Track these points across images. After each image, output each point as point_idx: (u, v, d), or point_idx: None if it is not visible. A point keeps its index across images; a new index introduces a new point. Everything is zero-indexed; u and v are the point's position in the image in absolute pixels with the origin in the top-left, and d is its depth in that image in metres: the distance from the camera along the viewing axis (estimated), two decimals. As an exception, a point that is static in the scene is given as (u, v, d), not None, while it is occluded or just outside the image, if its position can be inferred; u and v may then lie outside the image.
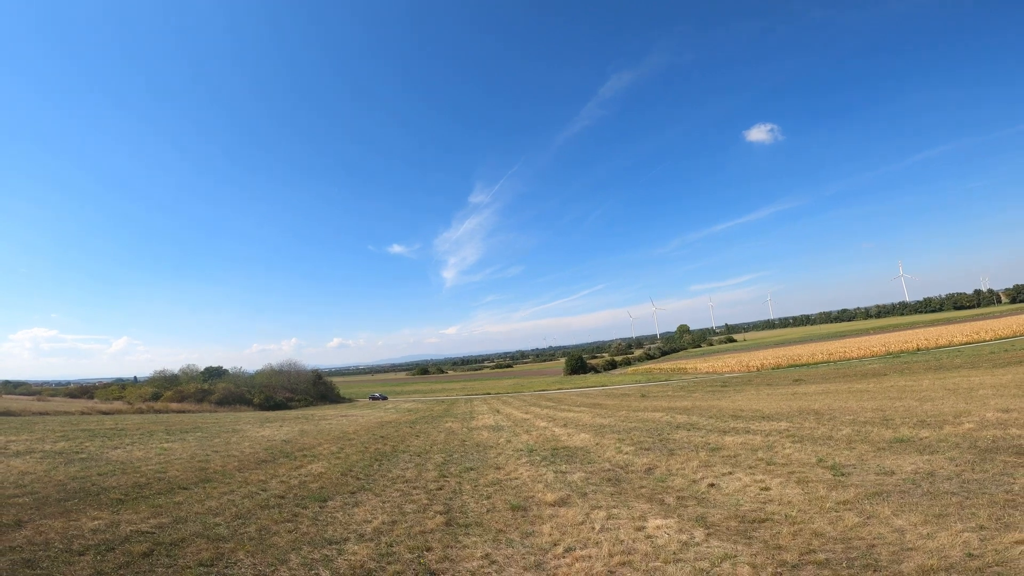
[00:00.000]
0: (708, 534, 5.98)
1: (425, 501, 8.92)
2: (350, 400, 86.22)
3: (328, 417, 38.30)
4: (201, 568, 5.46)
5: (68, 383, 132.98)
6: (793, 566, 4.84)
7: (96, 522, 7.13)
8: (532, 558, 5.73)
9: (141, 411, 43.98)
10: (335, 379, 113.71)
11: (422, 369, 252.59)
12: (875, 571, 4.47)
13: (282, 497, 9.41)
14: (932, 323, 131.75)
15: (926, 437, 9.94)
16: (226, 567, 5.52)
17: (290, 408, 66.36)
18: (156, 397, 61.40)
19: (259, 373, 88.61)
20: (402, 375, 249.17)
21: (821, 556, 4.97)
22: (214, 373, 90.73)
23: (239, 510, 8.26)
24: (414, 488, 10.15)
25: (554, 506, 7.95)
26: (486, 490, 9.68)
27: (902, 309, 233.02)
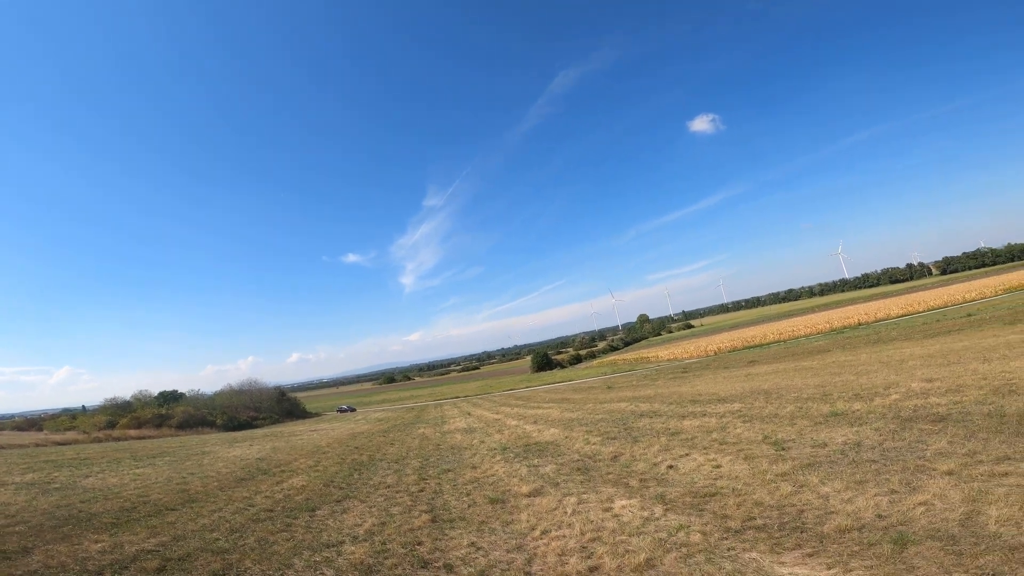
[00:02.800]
0: (666, 509, 6.82)
1: (409, 503, 9.50)
2: (317, 415, 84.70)
3: (298, 433, 37.88)
4: None
5: (12, 416, 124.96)
6: (736, 531, 5.69)
7: (99, 544, 7.44)
8: (513, 541, 6.48)
9: (99, 440, 42.33)
10: (298, 395, 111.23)
11: (388, 378, 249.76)
12: (802, 532, 5.35)
13: (271, 511, 9.79)
14: (870, 298, 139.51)
15: (858, 410, 11.05)
16: (238, 575, 5.99)
17: (256, 427, 64.83)
18: (112, 425, 58.88)
19: (219, 394, 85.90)
20: (368, 385, 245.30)
21: (760, 522, 5.84)
22: (170, 397, 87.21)
23: (233, 525, 8.64)
24: (397, 492, 10.70)
25: (529, 496, 8.69)
26: (465, 488, 10.33)
27: (842, 286, 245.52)
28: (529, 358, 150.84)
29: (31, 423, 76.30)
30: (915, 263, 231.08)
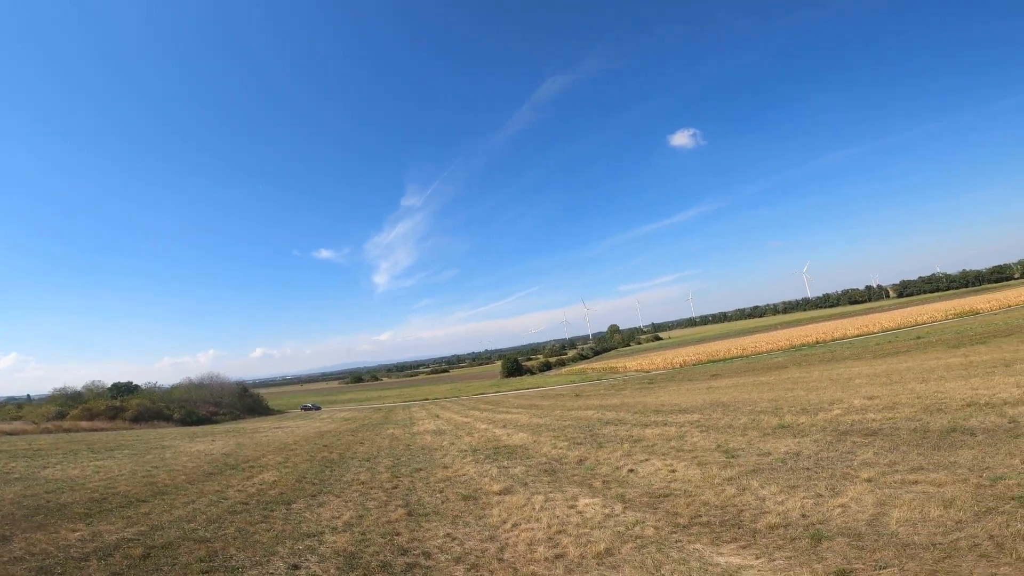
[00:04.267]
0: (625, 507, 7.52)
1: (384, 498, 9.96)
2: (281, 412, 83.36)
3: (262, 430, 37.45)
4: (201, 564, 6.28)
5: None
6: (684, 527, 6.42)
7: (77, 533, 7.65)
8: (486, 533, 7.07)
9: (49, 431, 41.07)
10: (261, 391, 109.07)
11: (356, 377, 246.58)
12: (739, 528, 6.10)
13: (245, 504, 10.10)
14: (830, 317, 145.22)
15: (803, 423, 12.01)
16: (224, 561, 6.38)
17: (216, 423, 63.50)
18: (62, 416, 56.90)
19: (176, 387, 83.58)
20: (335, 384, 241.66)
21: (705, 519, 6.58)
22: (124, 389, 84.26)
23: (210, 516, 8.94)
24: (371, 488, 11.12)
25: (500, 494, 9.28)
26: (438, 486, 10.84)
27: (804, 305, 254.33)
28: (500, 363, 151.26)
29: (-26, 411, 72.73)
30: (874, 285, 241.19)
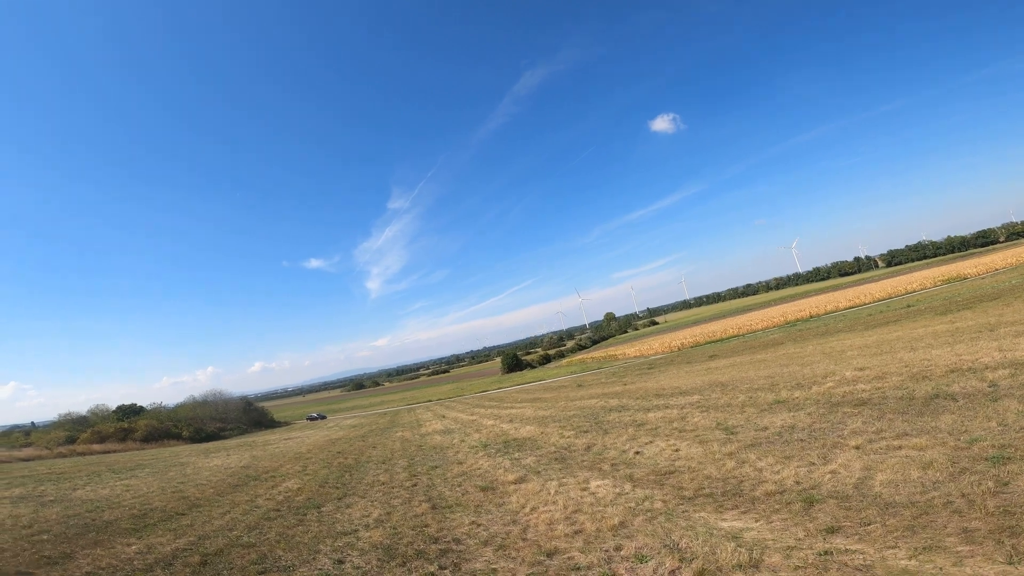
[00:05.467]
0: (634, 486, 8.14)
1: (407, 496, 10.55)
2: (287, 423, 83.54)
3: (272, 442, 37.86)
4: (255, 566, 6.89)
5: None
6: (689, 499, 7.06)
7: (133, 547, 8.22)
8: (508, 517, 7.71)
9: (63, 455, 41.35)
10: (264, 404, 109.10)
11: (357, 384, 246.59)
12: (739, 496, 6.73)
13: (277, 510, 10.67)
14: (821, 291, 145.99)
15: (797, 397, 12.61)
16: (275, 561, 6.99)
17: (224, 438, 63.75)
18: (72, 440, 57.07)
19: (182, 406, 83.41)
20: (336, 392, 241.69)
21: (708, 491, 7.22)
22: (130, 411, 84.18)
23: (248, 523, 9.54)
24: (392, 488, 11.71)
25: (515, 483, 9.89)
26: (455, 480, 11.44)
27: (796, 280, 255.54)
28: (499, 359, 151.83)
29: (-18, 441, 72.79)
30: (863, 256, 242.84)
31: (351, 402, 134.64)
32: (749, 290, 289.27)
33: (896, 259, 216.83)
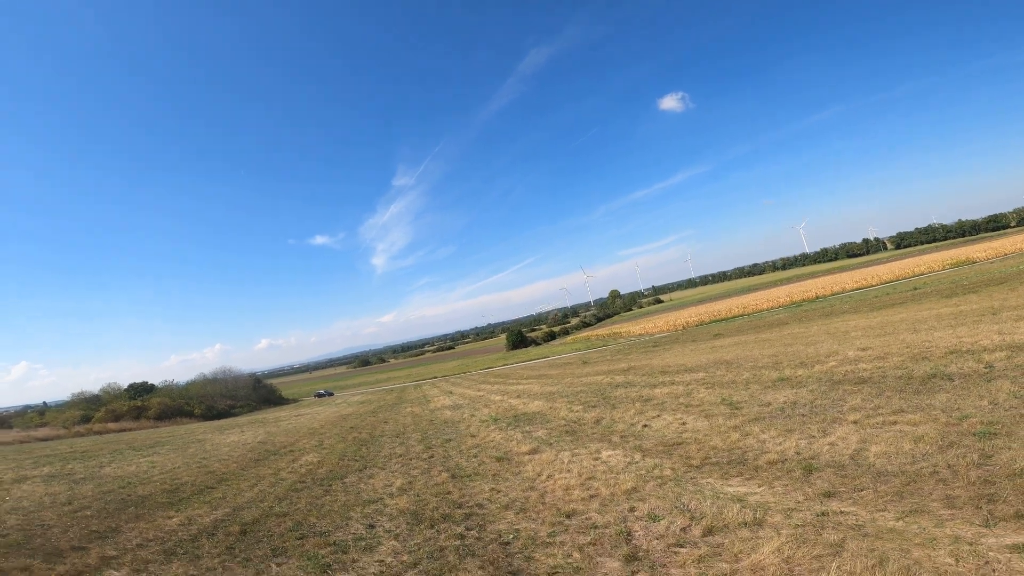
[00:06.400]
0: (644, 456, 8.62)
1: (425, 466, 11.11)
2: (295, 400, 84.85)
3: (283, 419, 38.63)
4: (293, 532, 7.40)
5: None
6: (696, 467, 7.54)
7: (174, 520, 8.77)
8: (525, 484, 8.23)
9: (80, 434, 42.56)
10: (271, 381, 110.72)
11: (363, 361, 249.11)
12: (743, 465, 7.20)
13: (302, 482, 11.25)
14: (828, 272, 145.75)
15: (800, 375, 12.94)
16: (310, 528, 7.53)
17: (235, 415, 65.07)
18: (87, 419, 58.49)
19: (192, 384, 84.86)
20: (343, 369, 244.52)
21: (714, 460, 7.69)
22: (142, 389, 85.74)
23: (277, 494, 10.12)
24: (410, 460, 12.28)
25: (529, 454, 10.42)
26: (470, 452, 11.99)
27: (803, 260, 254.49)
28: (504, 336, 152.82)
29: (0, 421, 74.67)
30: (871, 238, 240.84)
31: (357, 379, 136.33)
32: (755, 270, 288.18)
33: (905, 241, 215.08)
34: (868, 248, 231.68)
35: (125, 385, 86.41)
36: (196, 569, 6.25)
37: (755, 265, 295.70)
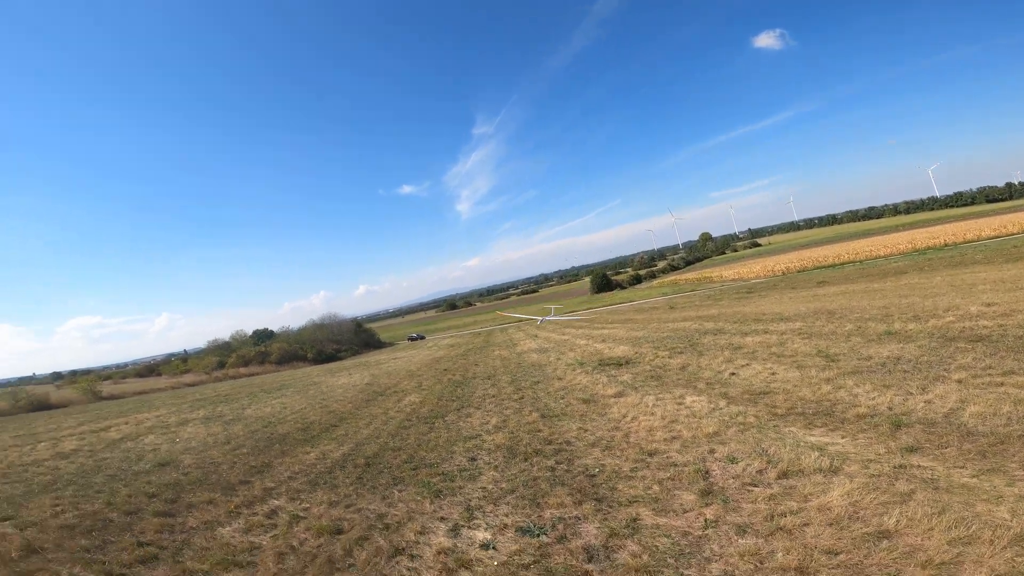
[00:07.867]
0: (728, 403, 8.84)
1: (517, 407, 12.05)
2: (391, 344, 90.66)
3: (383, 361, 41.80)
4: (407, 464, 8.67)
5: (125, 365, 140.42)
6: (781, 416, 7.67)
7: (311, 455, 10.46)
8: (611, 425, 8.85)
9: (219, 379, 49.27)
10: (369, 326, 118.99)
11: (450, 304, 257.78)
12: (829, 416, 7.23)
13: (408, 420, 12.73)
14: (962, 217, 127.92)
15: (911, 330, 11.77)
16: (421, 460, 8.76)
17: (341, 359, 71.16)
18: (222, 365, 67.14)
19: (303, 329, 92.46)
20: (431, 313, 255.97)
21: (800, 410, 7.75)
22: (264, 336, 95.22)
23: (389, 431, 11.69)
24: (502, 400, 13.32)
25: (615, 397, 10.98)
26: (558, 394, 12.75)
27: (931, 204, 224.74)
28: (588, 279, 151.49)
29: (149, 369, 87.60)
30: (1016, 183, 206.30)
31: (446, 322, 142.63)
32: (872, 213, 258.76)
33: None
34: (1012, 193, 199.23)
35: (250, 332, 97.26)
36: (336, 496, 7.53)
37: (871, 208, 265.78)
